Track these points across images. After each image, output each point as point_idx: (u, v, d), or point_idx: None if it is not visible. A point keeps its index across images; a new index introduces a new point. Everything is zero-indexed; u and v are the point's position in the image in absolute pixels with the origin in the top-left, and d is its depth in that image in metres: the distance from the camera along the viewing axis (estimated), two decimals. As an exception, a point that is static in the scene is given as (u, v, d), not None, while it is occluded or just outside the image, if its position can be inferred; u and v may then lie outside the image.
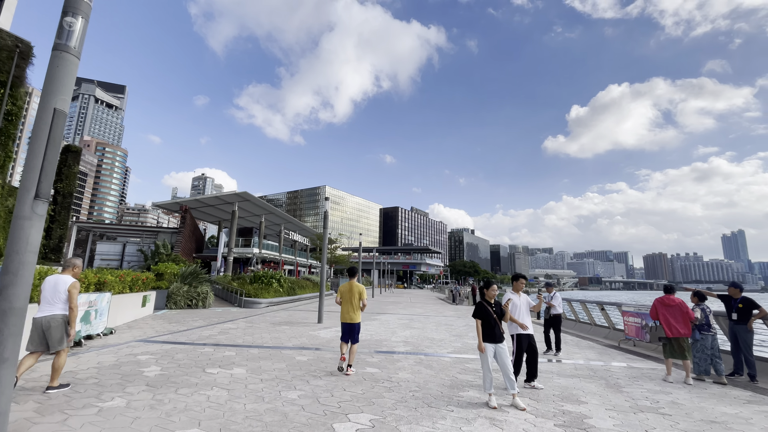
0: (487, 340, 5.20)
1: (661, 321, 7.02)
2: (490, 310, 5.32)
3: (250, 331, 11.28)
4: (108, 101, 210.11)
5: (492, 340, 5.21)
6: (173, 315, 14.94)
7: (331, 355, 8.01)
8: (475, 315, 5.39)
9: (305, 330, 11.78)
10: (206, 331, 11.05)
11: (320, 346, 9.19)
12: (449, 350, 9.21)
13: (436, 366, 7.37)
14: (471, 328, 14.05)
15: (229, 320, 13.76)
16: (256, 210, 36.48)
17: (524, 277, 6.39)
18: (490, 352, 5.16)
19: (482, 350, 5.13)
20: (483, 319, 5.29)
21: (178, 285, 17.98)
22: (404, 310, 21.81)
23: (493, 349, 5.19)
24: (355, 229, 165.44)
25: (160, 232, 34.00)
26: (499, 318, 5.34)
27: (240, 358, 7.51)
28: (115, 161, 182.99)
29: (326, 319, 14.61)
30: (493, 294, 5.45)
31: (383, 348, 9.20)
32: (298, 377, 6.18)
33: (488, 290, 5.47)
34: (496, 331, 5.23)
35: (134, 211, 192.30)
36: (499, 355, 5.18)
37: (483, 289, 5.54)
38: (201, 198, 33.15)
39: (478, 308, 5.39)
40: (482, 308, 5.34)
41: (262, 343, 9.22)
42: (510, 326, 6.23)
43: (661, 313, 7.05)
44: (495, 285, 5.51)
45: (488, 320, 5.26)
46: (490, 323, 5.25)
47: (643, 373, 7.52)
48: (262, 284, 21.61)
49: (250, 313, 16.81)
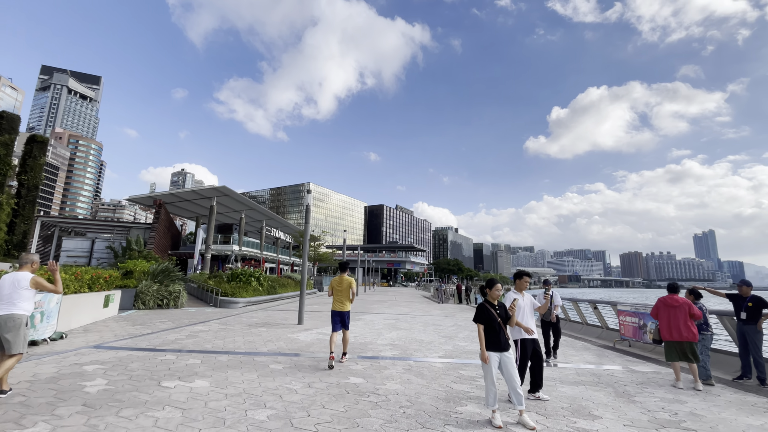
0: (491, 349, 4.47)
1: (660, 322, 6.47)
2: (494, 313, 4.58)
3: (222, 334, 10.31)
4: (82, 92, 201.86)
5: (496, 348, 4.47)
6: (140, 316, 13.79)
7: (310, 362, 7.17)
8: (476, 319, 4.65)
9: (283, 333, 10.88)
10: (173, 334, 10.04)
11: (299, 351, 8.33)
12: (440, 354, 8.49)
13: (428, 374, 6.62)
14: (460, 328, 13.40)
15: (200, 322, 12.72)
16: (236, 205, 35.10)
17: (528, 274, 5.68)
18: (495, 362, 4.42)
19: (485, 360, 4.39)
20: (486, 323, 4.55)
21: (147, 283, 16.75)
22: (390, 309, 21.07)
23: (498, 358, 4.46)
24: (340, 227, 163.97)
25: (132, 228, 32.28)
26: (504, 322, 4.61)
27: (205, 367, 6.60)
28: (89, 155, 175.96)
29: (307, 320, 13.71)
30: (497, 294, 4.72)
31: (368, 352, 8.41)
32: (270, 391, 5.33)
33: (491, 290, 4.73)
34: (501, 338, 4.50)
35: (109, 206, 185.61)
36: (505, 365, 4.45)
37: (485, 289, 4.80)
38: (177, 192, 31.62)
39: (480, 311, 4.65)
40: (485, 311, 4.61)
41: (234, 349, 8.29)
42: (512, 330, 5.52)
43: (662, 314, 6.49)
44: (499, 284, 4.76)
45: (492, 325, 4.53)
46: (494, 328, 4.52)
47: (649, 377, 6.96)
48: (240, 283, 20.50)
49: (225, 313, 15.75)
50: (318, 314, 16.61)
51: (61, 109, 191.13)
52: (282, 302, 22.46)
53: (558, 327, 8.41)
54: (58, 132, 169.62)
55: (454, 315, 18.67)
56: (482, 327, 4.55)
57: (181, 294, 17.29)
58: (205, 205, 32.89)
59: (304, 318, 13.18)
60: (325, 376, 6.22)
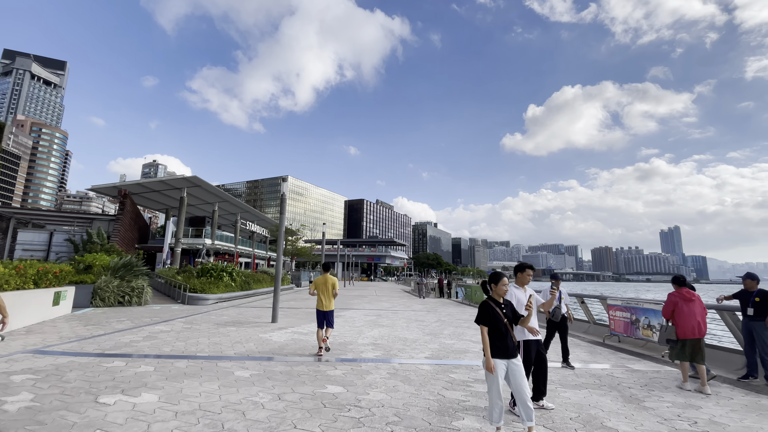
0: (498, 355, 3.74)
1: (679, 320, 5.93)
2: (500, 312, 3.86)
3: (185, 334, 9.30)
4: (46, 78, 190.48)
5: (503, 355, 3.75)
6: (97, 315, 12.54)
7: (282, 367, 6.33)
8: (479, 320, 3.90)
9: (254, 332, 9.95)
10: (128, 335, 8.96)
11: (271, 353, 7.46)
12: (426, 354, 7.79)
13: (415, 379, 5.90)
14: (444, 324, 12.79)
15: (163, 321, 11.61)
16: (209, 197, 33.46)
17: (531, 267, 5.00)
18: (501, 372, 3.70)
19: (491, 370, 3.66)
20: (491, 325, 3.82)
21: (107, 279, 15.40)
22: (370, 304, 20.34)
23: (505, 366, 3.74)
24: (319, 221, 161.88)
25: (95, 220, 30.24)
26: (512, 323, 3.92)
27: (158, 375, 5.66)
28: (53, 144, 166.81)
29: (282, 318, 12.79)
30: (503, 291, 3.98)
31: (349, 353, 7.63)
32: (231, 406, 4.47)
33: (497, 285, 3.97)
34: (508, 342, 3.78)
35: (75, 198, 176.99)
36: (513, 374, 3.74)
37: (489, 285, 4.07)
38: (144, 182, 29.79)
39: (483, 310, 3.90)
40: (489, 310, 3.87)
41: (196, 352, 7.35)
42: (515, 330, 4.83)
43: (683, 310, 5.95)
44: (506, 278, 4.02)
45: (498, 327, 3.80)
46: (501, 331, 3.79)
47: (651, 378, 6.48)
48: (211, 278, 19.30)
49: (193, 311, 14.62)
50: (294, 311, 15.69)
51: (24, 96, 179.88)
52: (256, 299, 21.37)
53: (565, 326, 7.46)
54: (20, 119, 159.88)
55: (437, 310, 18.12)
56: (486, 330, 3.83)
57: (145, 290, 16.02)
58: (175, 196, 31.15)
59: (279, 315, 12.26)
60: (299, 385, 5.40)
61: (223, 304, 17.67)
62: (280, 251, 12.35)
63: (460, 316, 15.35)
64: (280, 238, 12.43)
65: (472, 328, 11.84)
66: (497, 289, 3.97)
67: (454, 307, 20.48)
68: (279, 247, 12.38)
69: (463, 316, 15.36)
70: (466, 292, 25.84)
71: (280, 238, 12.40)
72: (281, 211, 12.18)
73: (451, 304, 22.29)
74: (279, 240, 12.40)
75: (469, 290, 25.07)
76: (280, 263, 12.30)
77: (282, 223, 12.29)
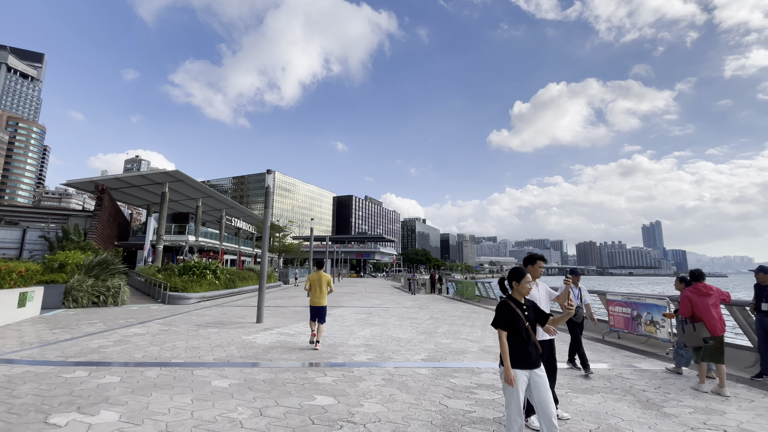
0: (518, 365, 3.19)
1: (702, 317, 5.51)
2: (521, 314, 3.32)
3: (161, 338, 8.59)
4: (23, 70, 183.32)
5: (525, 365, 3.20)
6: (67, 317, 11.69)
7: (266, 375, 5.73)
8: (498, 323, 3.30)
9: (237, 334, 9.30)
10: (98, 339, 8.22)
11: (254, 358, 6.84)
12: (422, 356, 7.28)
13: (413, 385, 5.37)
14: (438, 321, 12.31)
15: (140, 322, 10.85)
16: (192, 192, 32.36)
17: (542, 258, 4.47)
18: (522, 384, 3.17)
19: (511, 382, 3.13)
20: (511, 329, 3.27)
21: (80, 278, 14.49)
22: (360, 302, 19.78)
23: (527, 378, 3.20)
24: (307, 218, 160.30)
25: (71, 216, 28.93)
26: (534, 325, 3.37)
27: (123, 387, 5.00)
28: (30, 138, 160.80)
29: (268, 318, 12.14)
30: (527, 289, 3.36)
31: (339, 357, 7.06)
32: (204, 426, 3.86)
33: (520, 283, 3.35)
34: (530, 350, 3.23)
35: (55, 195, 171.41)
36: (537, 387, 3.19)
37: (509, 282, 3.44)
38: (123, 176, 28.56)
39: (502, 312, 3.31)
40: (509, 312, 3.29)
41: (171, 358, 6.68)
42: None
43: (701, 306, 5.53)
44: (529, 275, 3.44)
45: (519, 332, 3.24)
46: (521, 336, 3.24)
47: (663, 379, 6.09)
48: (194, 276, 18.47)
49: (173, 311, 13.84)
50: (281, 310, 15.04)
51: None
52: (242, 297, 20.61)
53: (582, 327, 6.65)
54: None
55: (429, 306, 17.67)
56: (505, 334, 3.27)
57: (122, 290, 15.15)
58: (157, 191, 30.01)
59: (264, 315, 11.61)
60: (284, 396, 4.81)
61: (206, 303, 16.89)
62: (266, 247, 11.68)
63: (453, 313, 14.92)
64: (266, 233, 11.75)
65: (466, 326, 11.39)
66: (520, 287, 3.37)
67: (445, 303, 20.07)
68: (264, 242, 11.71)
69: (456, 313, 14.93)
70: (457, 288, 25.51)
71: (265, 233, 11.72)
72: (266, 205, 11.49)
73: (443, 300, 21.89)
74: (264, 235, 11.72)
75: (460, 286, 24.74)
76: (266, 259, 11.63)
77: (267, 218, 11.61)
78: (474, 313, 15.14)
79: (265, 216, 11.54)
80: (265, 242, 11.71)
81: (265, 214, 11.55)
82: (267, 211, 11.55)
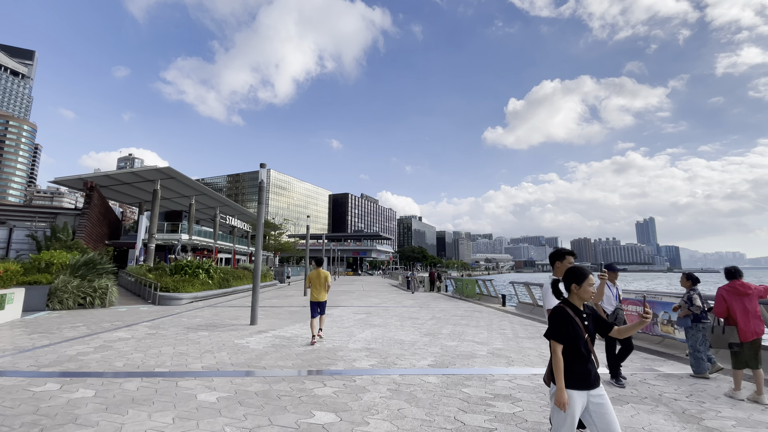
0: (575, 385, 2.56)
1: (737, 318, 5.02)
2: (581, 324, 2.64)
3: (147, 342, 8.01)
4: (13, 68, 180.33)
5: (583, 385, 2.56)
6: (49, 320, 11.05)
7: (259, 386, 5.17)
8: (553, 334, 2.62)
9: (230, 337, 8.73)
10: (78, 345, 7.62)
11: (247, 365, 6.28)
12: (429, 361, 6.75)
13: (423, 397, 4.84)
14: (440, 321, 11.80)
15: (126, 325, 10.25)
16: (185, 190, 31.64)
17: (572, 253, 3.92)
18: (578, 408, 2.54)
19: (564, 406, 2.50)
20: (569, 342, 2.61)
21: (65, 278, 13.83)
22: (358, 300, 19.25)
23: (585, 400, 2.57)
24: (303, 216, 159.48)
25: (59, 214, 28.12)
26: (593, 337, 2.69)
27: (96, 404, 4.43)
28: (21, 137, 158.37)
29: (263, 319, 11.57)
30: (589, 294, 2.67)
31: (339, 363, 6.51)
32: (184, 452, 3.31)
33: (582, 285, 2.67)
34: (590, 367, 2.60)
35: (46, 194, 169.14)
36: (599, 413, 2.53)
37: (567, 284, 2.75)
38: (113, 173, 27.79)
39: (559, 320, 2.64)
40: (568, 321, 2.62)
41: (155, 367, 6.10)
42: None
43: (737, 307, 5.04)
44: (592, 276, 2.70)
45: (577, 345, 2.59)
46: (580, 351, 2.59)
47: (690, 384, 5.61)
48: (186, 275, 17.83)
49: (163, 312, 13.23)
50: (277, 310, 14.47)
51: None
52: (236, 297, 20.00)
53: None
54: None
55: (429, 305, 17.17)
56: (561, 348, 2.63)
57: (110, 290, 14.50)
58: (149, 189, 29.26)
59: (259, 316, 11.04)
60: (279, 412, 4.26)
61: (198, 303, 16.28)
62: (259, 244, 11.10)
63: (455, 312, 14.43)
64: (259, 230, 11.17)
65: (471, 326, 10.89)
66: (581, 291, 2.67)
67: (445, 301, 19.59)
68: (258, 239, 11.12)
69: (457, 312, 14.44)
70: (457, 286, 25.04)
71: (259, 230, 11.13)
72: (259, 200, 10.89)
73: (443, 299, 21.41)
74: (258, 232, 11.14)
75: (460, 283, 24.27)
76: (260, 257, 11.05)
77: (260, 213, 11.01)
78: (476, 312, 14.66)
79: (259, 212, 10.95)
80: (258, 239, 11.13)
81: (259, 210, 10.96)
82: (260, 207, 10.96)
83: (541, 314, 12.97)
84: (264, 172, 10.97)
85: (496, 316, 13.27)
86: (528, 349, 7.83)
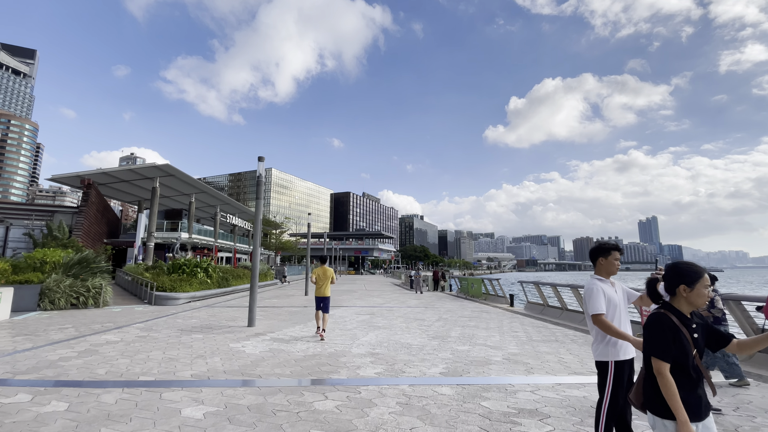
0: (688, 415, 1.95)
1: None
2: (689, 337, 2.03)
3: (136, 346, 7.47)
4: (15, 67, 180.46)
5: (693, 415, 1.96)
6: (39, 321, 10.55)
7: (252, 399, 4.62)
8: (657, 350, 2.00)
9: (225, 341, 8.19)
10: (62, 349, 7.10)
11: (241, 373, 5.74)
12: (440, 368, 6.19)
13: (437, 412, 4.28)
14: (447, 323, 11.23)
15: (117, 327, 9.73)
16: (185, 188, 31.16)
17: (618, 248, 3.35)
18: None
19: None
20: (676, 361, 1.99)
21: (57, 278, 13.33)
22: (361, 300, 18.70)
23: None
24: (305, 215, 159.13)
25: (56, 212, 27.66)
26: (702, 352, 2.06)
27: (67, 420, 3.89)
28: (23, 136, 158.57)
29: (261, 320, 11.03)
30: (702, 301, 2.06)
31: (342, 371, 5.96)
32: (158, 486, 2.76)
33: (694, 287, 2.05)
34: (700, 392, 2.03)
35: (48, 193, 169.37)
36: None
37: (669, 284, 2.14)
38: (111, 171, 27.31)
39: (661, 332, 2.02)
40: (672, 331, 2.01)
41: (139, 375, 5.57)
42: (601, 345, 3.19)
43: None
44: (707, 276, 2.08)
45: (683, 364, 1.99)
46: (688, 373, 2.00)
47: (732, 395, 5.04)
48: (183, 275, 17.32)
49: (159, 312, 12.72)
50: (276, 311, 13.94)
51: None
52: (235, 296, 19.49)
53: None
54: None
55: (434, 305, 16.62)
56: (668, 368, 1.99)
57: (104, 290, 13.99)
58: (148, 186, 28.77)
59: (257, 318, 10.51)
60: (274, 430, 3.71)
61: (195, 303, 15.76)
62: (257, 242, 10.56)
63: (462, 313, 13.87)
64: (257, 227, 10.63)
65: (480, 328, 10.33)
66: (692, 294, 2.06)
67: (451, 301, 19.02)
68: (256, 236, 10.58)
69: (465, 313, 13.88)
70: (461, 285, 24.47)
71: (257, 227, 10.59)
72: (257, 196, 10.33)
73: (447, 299, 20.85)
74: (256, 229, 10.60)
75: (465, 283, 23.70)
76: (257, 255, 10.50)
77: (258, 209, 10.46)
78: (484, 312, 14.09)
79: (257, 207, 10.40)
80: (257, 236, 10.59)
81: (257, 206, 10.41)
82: (258, 202, 10.41)
83: (552, 315, 12.41)
84: (262, 166, 10.42)
85: (506, 318, 12.71)
86: (545, 354, 7.27)
